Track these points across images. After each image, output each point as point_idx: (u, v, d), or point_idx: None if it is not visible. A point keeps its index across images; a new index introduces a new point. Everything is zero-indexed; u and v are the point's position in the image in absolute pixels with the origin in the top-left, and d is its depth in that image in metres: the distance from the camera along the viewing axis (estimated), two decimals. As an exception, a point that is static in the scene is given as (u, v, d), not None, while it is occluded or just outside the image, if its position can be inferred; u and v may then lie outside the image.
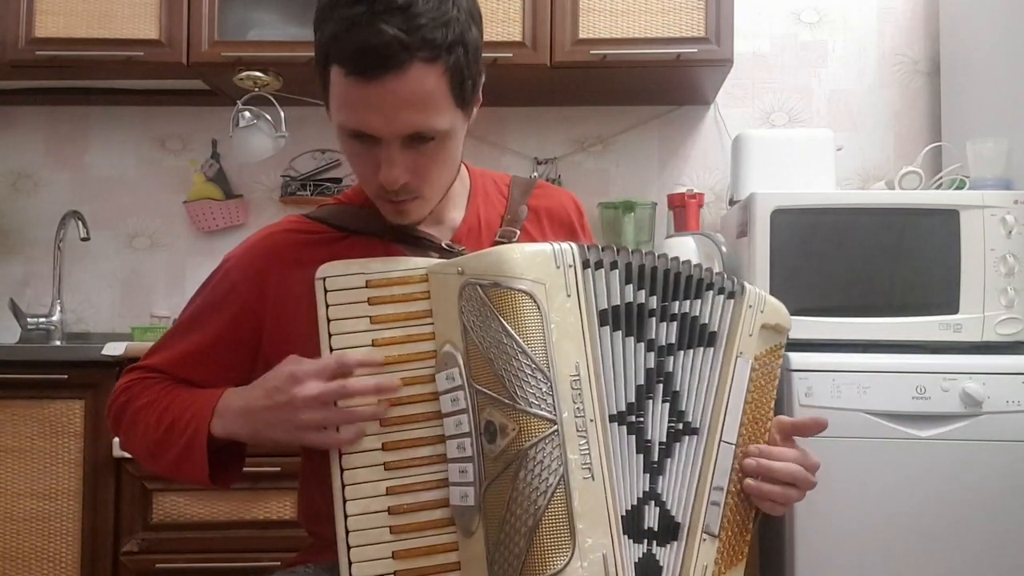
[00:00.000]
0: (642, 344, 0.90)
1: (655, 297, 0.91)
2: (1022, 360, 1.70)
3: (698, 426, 0.93)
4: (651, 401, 0.90)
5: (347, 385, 0.86)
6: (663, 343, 0.91)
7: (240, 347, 1.03)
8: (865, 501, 1.67)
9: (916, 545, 1.67)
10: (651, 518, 0.88)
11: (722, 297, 0.95)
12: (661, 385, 0.91)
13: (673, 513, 0.90)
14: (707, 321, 0.94)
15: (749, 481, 0.94)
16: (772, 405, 1.00)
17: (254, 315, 1.02)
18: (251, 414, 0.91)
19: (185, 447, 0.95)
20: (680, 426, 0.91)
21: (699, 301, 0.94)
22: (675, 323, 0.92)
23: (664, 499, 0.89)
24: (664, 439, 0.90)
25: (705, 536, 0.91)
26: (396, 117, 0.89)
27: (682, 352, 0.92)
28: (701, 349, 0.94)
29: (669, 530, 0.89)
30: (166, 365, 1.04)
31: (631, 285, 0.90)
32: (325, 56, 0.91)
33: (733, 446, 0.94)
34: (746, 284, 0.98)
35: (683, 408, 0.92)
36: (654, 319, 0.91)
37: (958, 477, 1.67)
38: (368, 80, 0.87)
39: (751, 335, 0.97)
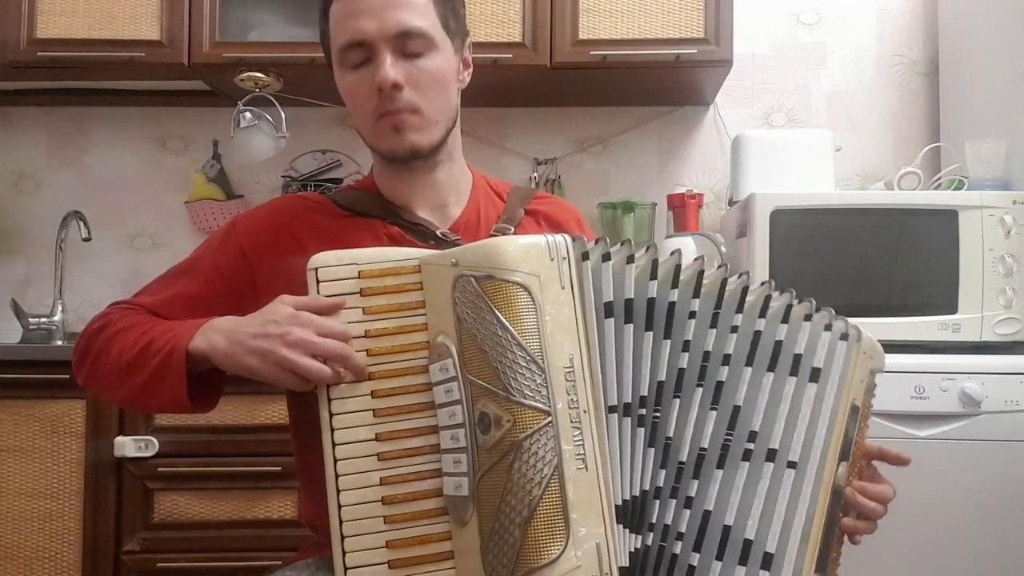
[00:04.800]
0: (668, 341, 0.88)
1: (698, 300, 0.89)
2: (1021, 360, 1.70)
3: (796, 460, 0.89)
4: (678, 400, 0.88)
5: (343, 351, 0.86)
6: (708, 348, 0.89)
7: (231, 296, 1.04)
8: (864, 500, 1.68)
9: (915, 545, 1.67)
10: (668, 516, 0.87)
11: (829, 335, 0.92)
12: (701, 390, 0.88)
13: (751, 537, 0.87)
14: (801, 351, 0.90)
15: (846, 521, 0.95)
16: (866, 441, 0.97)
17: (247, 266, 1.05)
18: (237, 335, 0.90)
19: (160, 364, 0.93)
20: (751, 446, 0.88)
21: (785, 326, 0.90)
22: (735, 335, 0.89)
23: (711, 508, 0.87)
24: (706, 445, 0.88)
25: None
26: (384, 16, 1.00)
27: (749, 369, 0.89)
28: (794, 379, 0.90)
29: (752, 555, 0.87)
30: (155, 305, 1.04)
31: (655, 281, 0.88)
32: (327, 1, 1.04)
33: (842, 492, 0.93)
34: (861, 329, 0.94)
35: (755, 428, 0.89)
36: (693, 321, 0.89)
37: (957, 477, 1.67)
38: None
39: (862, 381, 0.93)
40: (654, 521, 0.87)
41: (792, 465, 0.90)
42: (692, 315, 0.89)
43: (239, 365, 0.90)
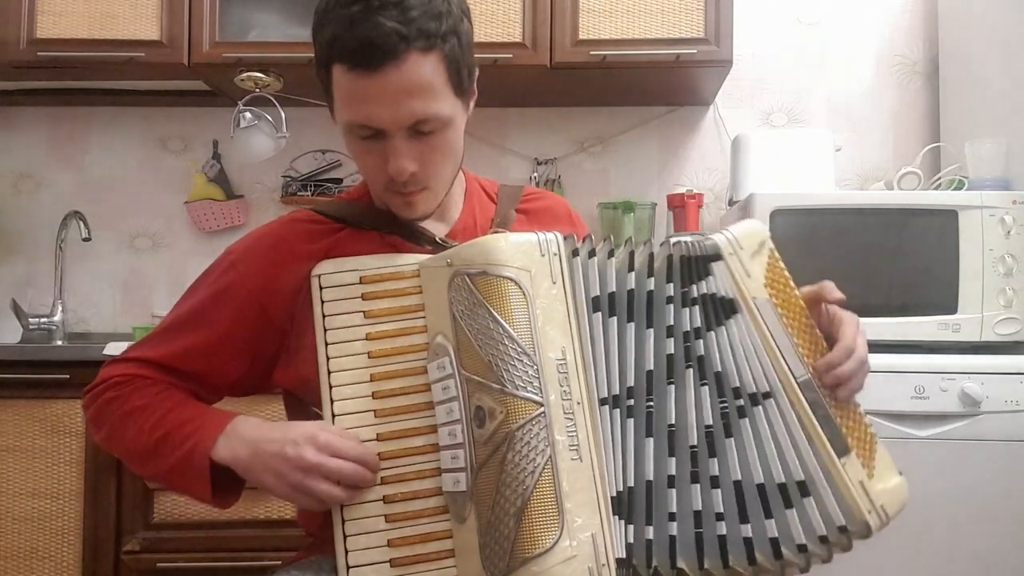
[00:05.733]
0: (652, 330, 0.90)
1: (672, 284, 0.91)
2: (1021, 360, 1.70)
3: (769, 389, 0.90)
4: (673, 387, 0.89)
5: (356, 473, 0.87)
6: (688, 328, 0.91)
7: (246, 340, 1.03)
8: (864, 500, 1.68)
9: (914, 544, 1.67)
10: (697, 500, 0.88)
11: (717, 263, 0.94)
12: (692, 370, 0.90)
13: (782, 480, 0.88)
14: (724, 293, 0.92)
15: (827, 379, 0.93)
16: (801, 303, 0.97)
17: (260, 307, 1.02)
18: (257, 450, 0.91)
19: (183, 458, 0.94)
20: (741, 402, 0.90)
21: (712, 277, 0.93)
22: (697, 306, 0.91)
23: (738, 477, 0.88)
24: (711, 421, 0.89)
25: (843, 460, 0.89)
26: (399, 106, 0.93)
27: (713, 333, 0.91)
28: (732, 321, 0.92)
29: (786, 496, 0.88)
30: (170, 359, 1.03)
31: (633, 273, 0.91)
32: (327, 58, 0.95)
33: (807, 375, 0.92)
34: (713, 236, 0.95)
35: (737, 384, 0.90)
36: (672, 306, 0.91)
37: (957, 477, 1.67)
38: (370, 72, 0.91)
39: (749, 275, 0.94)
40: (674, 510, 0.87)
41: (767, 396, 0.91)
42: (669, 300, 0.91)
43: (257, 480, 0.91)
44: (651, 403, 0.89)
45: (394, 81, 0.92)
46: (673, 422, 0.89)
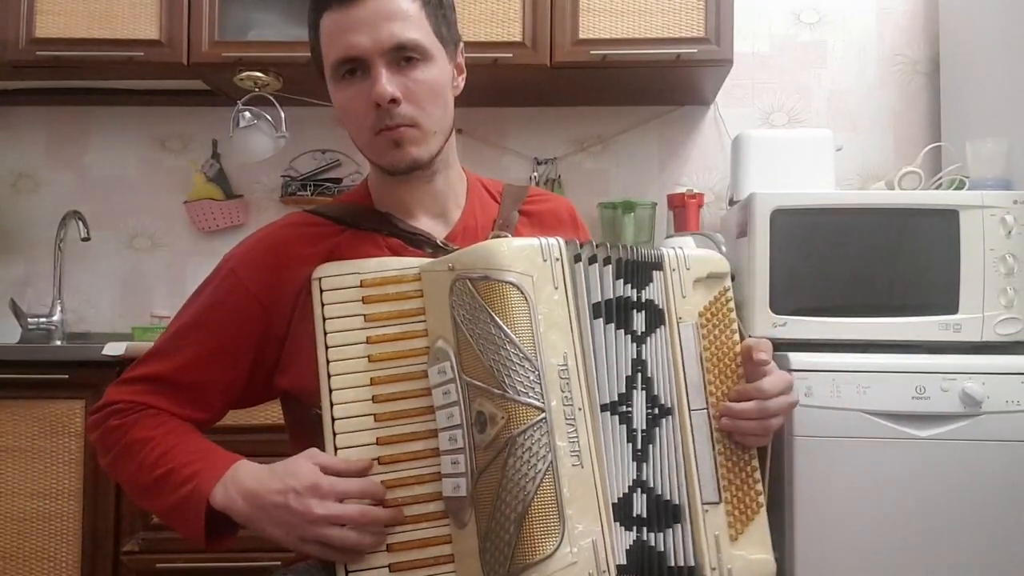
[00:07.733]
0: (629, 336, 0.93)
1: (635, 289, 0.94)
2: (1021, 360, 1.69)
3: (671, 406, 0.94)
4: (635, 390, 0.92)
5: (367, 513, 0.86)
6: (639, 332, 0.94)
7: (250, 346, 1.03)
8: (864, 501, 1.67)
9: (915, 545, 1.67)
10: (639, 505, 0.90)
11: (658, 273, 0.97)
12: (640, 374, 0.93)
13: (668, 498, 0.91)
14: (658, 301, 0.96)
15: (725, 421, 0.96)
16: (737, 349, 1.00)
17: (263, 311, 1.02)
18: (260, 503, 0.89)
19: (181, 501, 0.93)
20: (656, 411, 0.93)
21: (652, 284, 0.96)
22: (644, 311, 0.95)
23: (651, 485, 0.91)
24: (645, 426, 0.92)
25: (707, 507, 0.92)
26: (378, 30, 0.98)
27: (649, 338, 0.94)
28: (659, 330, 0.95)
29: (667, 514, 0.91)
30: (174, 372, 1.03)
31: (621, 280, 0.93)
32: (315, 15, 1.02)
33: (704, 410, 0.95)
34: (663, 250, 0.98)
35: (656, 392, 0.94)
36: (634, 310, 0.94)
37: (957, 477, 1.67)
38: (351, 3, 0.98)
39: (684, 297, 0.97)
40: (634, 515, 0.89)
41: (668, 412, 0.94)
42: (631, 304, 0.94)
43: (261, 532, 0.90)
44: (629, 409, 0.91)
45: (372, 8, 0.98)
46: (635, 427, 0.91)
